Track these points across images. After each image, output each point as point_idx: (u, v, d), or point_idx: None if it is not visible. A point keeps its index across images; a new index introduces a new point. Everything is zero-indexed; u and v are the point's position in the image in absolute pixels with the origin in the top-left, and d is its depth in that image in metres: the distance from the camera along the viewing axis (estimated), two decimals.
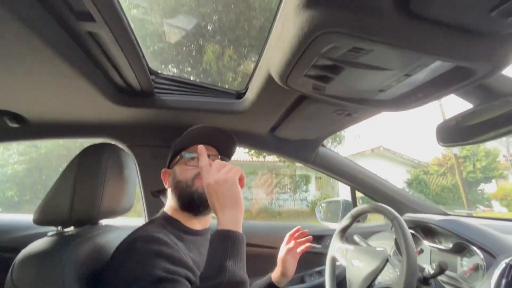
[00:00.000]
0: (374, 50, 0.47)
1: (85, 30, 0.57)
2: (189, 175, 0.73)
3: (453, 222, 0.97)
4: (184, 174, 0.74)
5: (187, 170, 0.74)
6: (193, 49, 6.22)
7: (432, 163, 13.10)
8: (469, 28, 0.41)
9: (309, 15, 0.42)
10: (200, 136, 0.78)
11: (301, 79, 0.61)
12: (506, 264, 0.72)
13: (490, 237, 0.85)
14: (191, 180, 0.72)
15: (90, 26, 0.55)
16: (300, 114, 0.92)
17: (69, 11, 0.51)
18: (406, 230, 0.76)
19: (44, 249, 0.58)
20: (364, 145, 15.82)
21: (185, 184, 0.72)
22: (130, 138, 1.17)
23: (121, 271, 0.54)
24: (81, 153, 0.71)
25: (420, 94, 0.62)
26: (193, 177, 0.73)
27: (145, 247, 0.56)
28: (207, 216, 0.77)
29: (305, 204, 10.60)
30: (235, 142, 0.85)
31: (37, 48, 0.55)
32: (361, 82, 0.62)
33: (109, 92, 0.83)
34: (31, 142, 6.26)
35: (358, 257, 0.89)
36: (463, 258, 0.89)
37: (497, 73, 0.48)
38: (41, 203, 0.67)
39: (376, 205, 0.92)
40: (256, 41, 5.48)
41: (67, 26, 0.56)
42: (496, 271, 0.72)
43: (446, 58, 0.46)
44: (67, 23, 0.55)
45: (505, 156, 11.20)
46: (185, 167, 0.75)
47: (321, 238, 1.42)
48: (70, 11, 0.51)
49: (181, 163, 0.76)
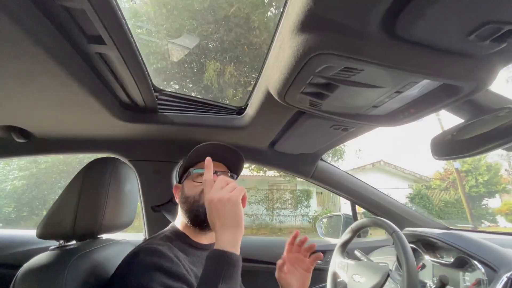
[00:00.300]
0: (365, 69, 0.51)
1: (95, 52, 0.61)
2: (196, 191, 0.74)
3: (453, 236, 0.96)
4: (192, 190, 0.75)
5: (195, 187, 0.75)
6: (194, 66, 6.40)
7: (433, 177, 13.01)
8: (451, 50, 0.44)
9: (303, 38, 0.46)
10: (208, 153, 0.79)
11: (298, 96, 0.64)
12: (508, 278, 0.71)
13: (491, 251, 0.84)
14: (198, 195, 0.74)
15: (100, 48, 0.59)
16: (299, 129, 0.95)
17: (82, 34, 0.55)
18: (406, 244, 0.76)
19: (46, 263, 0.58)
20: (365, 160, 15.79)
21: (192, 199, 0.74)
22: (133, 153, 1.19)
23: (123, 282, 0.55)
24: (86, 166, 0.73)
25: (412, 109, 0.65)
26: (200, 192, 0.74)
27: (146, 259, 0.57)
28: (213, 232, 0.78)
29: (306, 220, 10.42)
30: (243, 159, 0.85)
31: (49, 67, 0.59)
32: (355, 98, 0.65)
33: (115, 109, 0.87)
34: (33, 157, 6.29)
35: (359, 272, 0.88)
36: (465, 273, 0.88)
37: (482, 90, 0.51)
38: (45, 217, 0.68)
39: (376, 219, 0.93)
40: (256, 58, 5.64)
41: (78, 48, 0.60)
42: (498, 286, 0.71)
43: (432, 77, 0.49)
44: (78, 45, 0.59)
45: (507, 170, 11.14)
46: (193, 183, 0.76)
47: (322, 254, 1.40)
48: (83, 34, 0.55)
49: (189, 179, 0.78)
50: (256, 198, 10.32)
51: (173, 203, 1.28)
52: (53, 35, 0.53)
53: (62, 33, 0.54)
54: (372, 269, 0.86)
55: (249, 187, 10.16)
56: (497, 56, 0.45)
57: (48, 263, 0.58)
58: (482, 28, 0.37)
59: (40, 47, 0.52)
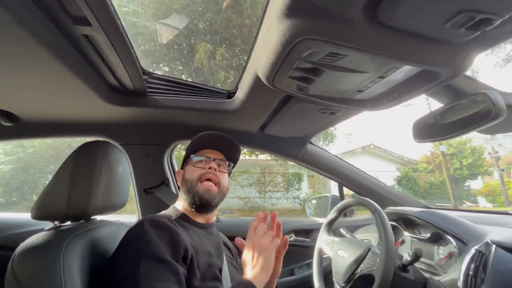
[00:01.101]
0: (348, 55, 0.52)
1: (81, 34, 0.60)
2: (194, 176, 0.80)
3: (430, 214, 1.03)
4: (191, 174, 0.81)
5: (194, 171, 0.81)
6: (184, 48, 6.20)
7: (420, 160, 13.44)
8: (430, 37, 0.46)
9: (289, 23, 0.47)
10: (208, 141, 0.86)
11: (285, 80, 0.66)
12: (476, 250, 0.77)
13: (463, 226, 0.91)
14: (195, 181, 0.79)
15: (86, 30, 0.58)
16: (287, 113, 0.97)
17: (66, 16, 0.54)
18: (386, 221, 0.81)
19: (43, 242, 0.60)
20: (355, 143, 16.06)
21: (190, 183, 0.80)
22: (123, 137, 1.19)
23: (129, 250, 0.61)
24: (77, 150, 0.73)
25: (395, 94, 0.68)
26: (197, 178, 0.80)
27: (150, 229, 0.62)
28: (209, 214, 0.84)
29: (298, 202, 10.70)
30: (240, 149, 0.92)
31: (34, 50, 0.58)
32: (340, 83, 0.67)
33: (103, 92, 0.86)
34: (19, 142, 6.13)
35: (343, 248, 0.94)
36: (439, 246, 0.95)
37: (459, 76, 0.54)
38: (38, 199, 0.69)
39: (359, 198, 0.97)
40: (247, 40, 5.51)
41: (64, 30, 0.59)
42: (467, 257, 0.77)
43: (413, 63, 0.52)
44: (64, 27, 0.58)
45: (490, 153, 11.58)
46: (192, 168, 0.82)
47: (310, 232, 1.47)
48: (67, 16, 0.54)
49: (190, 165, 0.84)
50: (249, 181, 10.47)
51: (165, 185, 1.30)
52: (37, 16, 0.52)
53: (46, 14, 0.53)
54: (354, 244, 0.91)
55: (242, 171, 10.26)
56: (473, 44, 0.48)
57: (45, 242, 0.60)
58: (457, 16, 0.39)
59: (24, 29, 0.51)
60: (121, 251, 0.63)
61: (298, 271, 1.40)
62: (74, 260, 0.59)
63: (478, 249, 0.75)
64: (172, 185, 1.33)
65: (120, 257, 0.62)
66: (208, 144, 0.86)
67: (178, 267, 0.60)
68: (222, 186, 0.82)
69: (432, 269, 0.92)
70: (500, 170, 10.83)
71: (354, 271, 0.85)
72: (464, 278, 0.70)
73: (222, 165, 0.86)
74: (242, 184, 10.29)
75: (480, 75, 9.26)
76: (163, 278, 0.57)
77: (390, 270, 0.73)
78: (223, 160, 0.87)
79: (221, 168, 0.86)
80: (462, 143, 12.06)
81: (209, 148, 0.87)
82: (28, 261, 0.56)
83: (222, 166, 0.86)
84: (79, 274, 0.59)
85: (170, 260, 0.59)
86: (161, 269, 0.58)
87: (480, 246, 0.75)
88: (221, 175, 0.83)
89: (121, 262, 0.61)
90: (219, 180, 0.81)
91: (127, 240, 0.64)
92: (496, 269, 0.64)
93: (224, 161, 0.87)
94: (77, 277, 0.58)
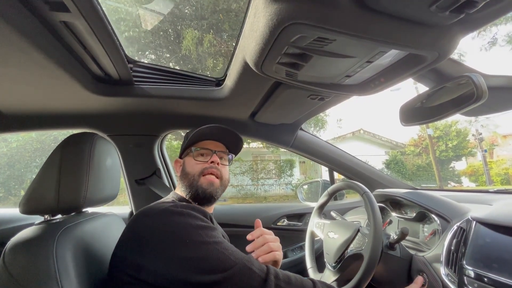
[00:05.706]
0: (336, 39, 0.52)
1: (59, 20, 0.57)
2: (196, 169, 0.79)
3: (416, 194, 1.07)
4: (192, 167, 0.80)
5: (196, 165, 0.80)
6: (171, 34, 6.00)
7: (408, 144, 13.79)
8: (415, 20, 0.46)
9: (276, 7, 0.46)
10: (211, 134, 0.84)
11: (274, 66, 0.65)
12: (457, 227, 0.82)
13: (446, 205, 0.95)
14: (197, 175, 0.78)
15: (64, 16, 0.56)
16: (277, 99, 0.97)
17: (42, 1, 0.51)
18: (374, 203, 0.84)
19: (34, 236, 0.59)
20: (345, 129, 16.27)
21: (192, 177, 0.78)
22: (111, 128, 1.17)
23: (190, 236, 0.57)
24: (63, 142, 0.71)
25: (382, 79, 0.68)
26: (200, 172, 0.79)
27: (192, 214, 0.63)
28: (210, 206, 0.84)
29: (290, 188, 10.89)
30: (242, 141, 0.91)
31: (10, 38, 0.55)
32: (328, 68, 0.67)
33: (87, 82, 0.83)
34: (1, 136, 5.91)
35: (334, 230, 0.98)
36: (424, 225, 1.00)
37: (444, 59, 0.55)
38: (26, 193, 0.68)
39: (349, 182, 1.00)
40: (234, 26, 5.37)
41: (40, 16, 0.56)
42: (449, 233, 0.81)
43: (398, 47, 0.52)
44: (40, 13, 0.55)
45: (474, 135, 11.97)
46: (193, 161, 0.81)
47: (302, 216, 1.51)
48: (43, 1, 0.52)
49: (190, 156, 0.83)
50: (241, 169, 10.53)
51: (157, 175, 1.30)
52: (9, 1, 0.49)
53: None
54: (344, 226, 0.95)
55: (234, 159, 10.25)
56: (457, 27, 0.48)
57: (36, 235, 0.59)
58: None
59: None
60: (168, 241, 0.57)
61: (291, 254, 1.45)
62: (68, 252, 0.59)
63: (460, 226, 0.79)
64: (163, 175, 1.33)
65: (175, 245, 0.56)
66: (210, 136, 0.85)
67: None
68: (224, 179, 0.82)
69: (418, 246, 0.97)
70: (483, 151, 11.25)
71: (344, 251, 0.88)
72: (446, 253, 0.74)
73: (224, 158, 0.86)
74: (235, 172, 10.34)
75: (466, 58, 9.40)
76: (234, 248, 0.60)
77: (378, 249, 0.76)
78: (225, 152, 0.87)
79: (223, 161, 0.85)
80: (447, 126, 12.41)
81: (211, 140, 0.85)
82: (20, 255, 0.56)
83: (224, 158, 0.86)
84: (73, 265, 0.59)
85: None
86: (227, 243, 0.61)
87: (462, 223, 0.78)
88: (223, 168, 0.83)
89: (182, 247, 0.56)
90: (221, 174, 0.81)
91: (167, 230, 0.58)
92: (476, 243, 0.67)
93: (226, 153, 0.87)
94: (71, 268, 0.58)
